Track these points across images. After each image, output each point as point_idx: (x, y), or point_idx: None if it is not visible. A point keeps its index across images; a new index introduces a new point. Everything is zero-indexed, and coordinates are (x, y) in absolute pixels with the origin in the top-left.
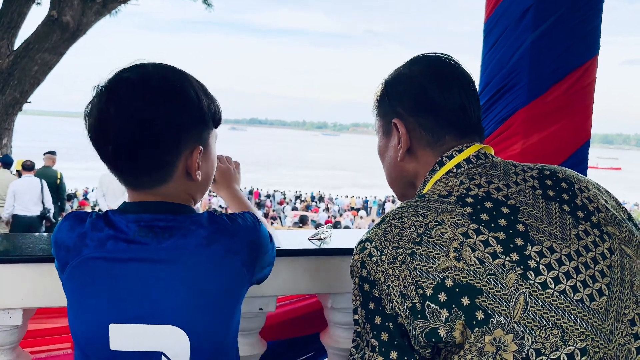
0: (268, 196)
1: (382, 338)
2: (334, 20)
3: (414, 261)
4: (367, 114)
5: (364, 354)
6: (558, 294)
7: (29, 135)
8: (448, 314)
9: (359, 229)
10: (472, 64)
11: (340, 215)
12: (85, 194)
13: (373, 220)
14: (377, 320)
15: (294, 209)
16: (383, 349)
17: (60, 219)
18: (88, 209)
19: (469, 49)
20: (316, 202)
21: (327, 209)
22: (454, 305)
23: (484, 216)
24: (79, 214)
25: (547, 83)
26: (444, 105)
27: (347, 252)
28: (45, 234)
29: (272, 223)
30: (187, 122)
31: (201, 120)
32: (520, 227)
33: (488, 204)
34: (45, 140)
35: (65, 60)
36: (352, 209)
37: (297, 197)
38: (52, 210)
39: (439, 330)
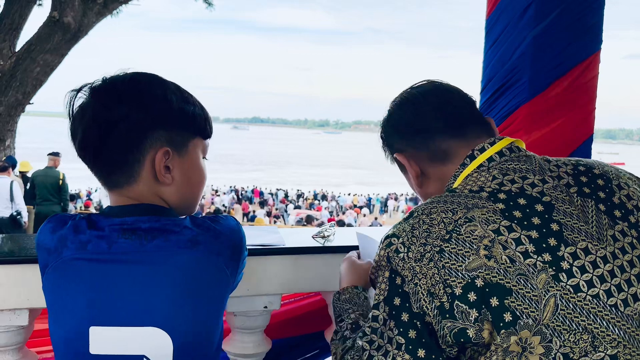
0: (271, 194)
1: (409, 336)
2: (334, 17)
3: (442, 259)
4: (368, 111)
5: (386, 351)
6: (591, 298)
7: (32, 136)
8: (477, 314)
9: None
10: (474, 60)
11: (343, 213)
12: (89, 194)
13: (376, 218)
14: (404, 317)
15: (297, 207)
16: (410, 347)
17: None
18: (92, 209)
19: (471, 45)
20: (319, 201)
21: (331, 207)
22: (483, 306)
23: (517, 213)
24: (62, 217)
25: (549, 79)
26: (422, 120)
27: (350, 249)
28: None
29: (275, 222)
30: (150, 122)
31: (170, 122)
32: (554, 227)
33: (521, 201)
34: (49, 141)
35: (67, 61)
36: (355, 206)
37: (299, 196)
38: (24, 213)
39: (467, 331)
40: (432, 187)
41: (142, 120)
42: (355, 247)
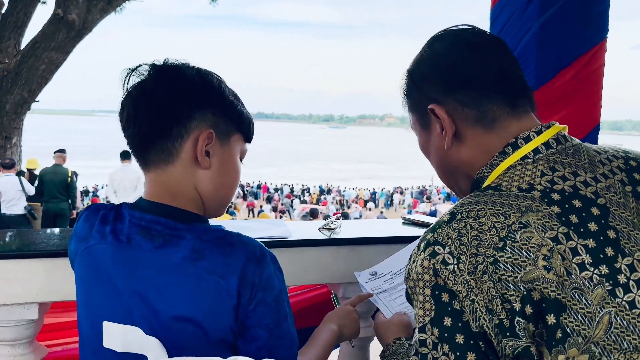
0: (276, 190)
1: (467, 359)
2: (338, 11)
3: (497, 271)
4: (372, 105)
5: None
6: None
7: (39, 134)
8: (534, 329)
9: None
10: None
11: (349, 207)
12: (95, 191)
13: (381, 212)
14: (459, 338)
15: (303, 202)
16: None
17: (71, 217)
18: None
19: None
20: (325, 195)
21: (336, 202)
22: (540, 321)
23: (574, 218)
24: (98, 206)
25: (555, 69)
26: (480, 73)
27: (356, 242)
28: (57, 229)
29: (280, 216)
30: (200, 101)
31: (219, 108)
32: (611, 234)
33: (577, 203)
34: (55, 139)
35: (72, 58)
36: (361, 200)
37: (304, 191)
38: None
39: (531, 349)
40: (463, 153)
41: (193, 96)
42: (360, 240)
